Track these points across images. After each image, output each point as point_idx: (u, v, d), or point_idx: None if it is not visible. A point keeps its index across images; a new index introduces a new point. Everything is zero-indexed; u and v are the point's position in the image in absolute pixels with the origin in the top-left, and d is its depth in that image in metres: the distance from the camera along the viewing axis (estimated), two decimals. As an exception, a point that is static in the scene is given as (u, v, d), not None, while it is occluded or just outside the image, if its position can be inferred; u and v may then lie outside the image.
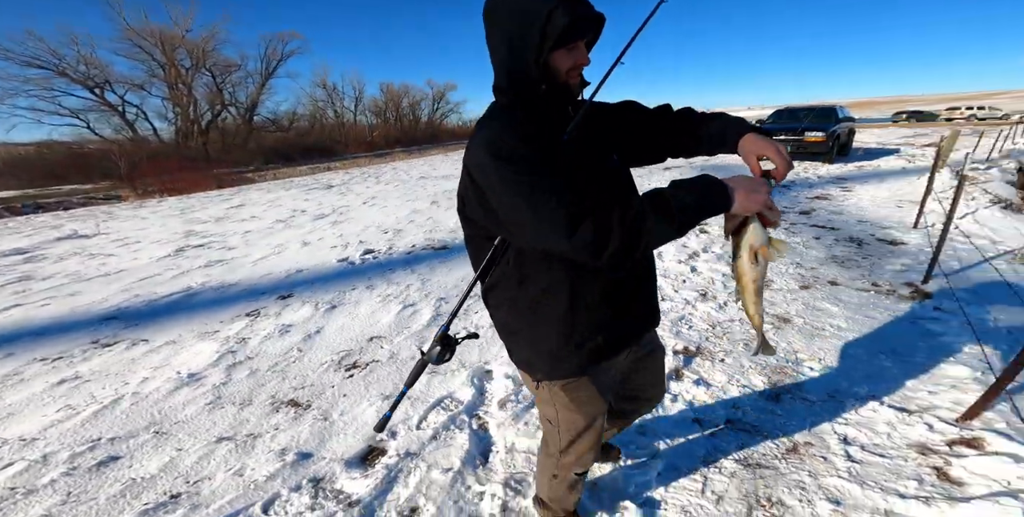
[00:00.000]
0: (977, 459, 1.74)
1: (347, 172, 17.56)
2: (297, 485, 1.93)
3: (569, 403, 1.14)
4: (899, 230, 5.05)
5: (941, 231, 3.37)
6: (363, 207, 8.74)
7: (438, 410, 2.33)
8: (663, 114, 1.13)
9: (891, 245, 4.59)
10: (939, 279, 3.51)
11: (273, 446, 2.18)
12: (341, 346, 3.09)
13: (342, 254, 5.32)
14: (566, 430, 1.21)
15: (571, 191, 0.81)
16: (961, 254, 4.06)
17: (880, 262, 4.09)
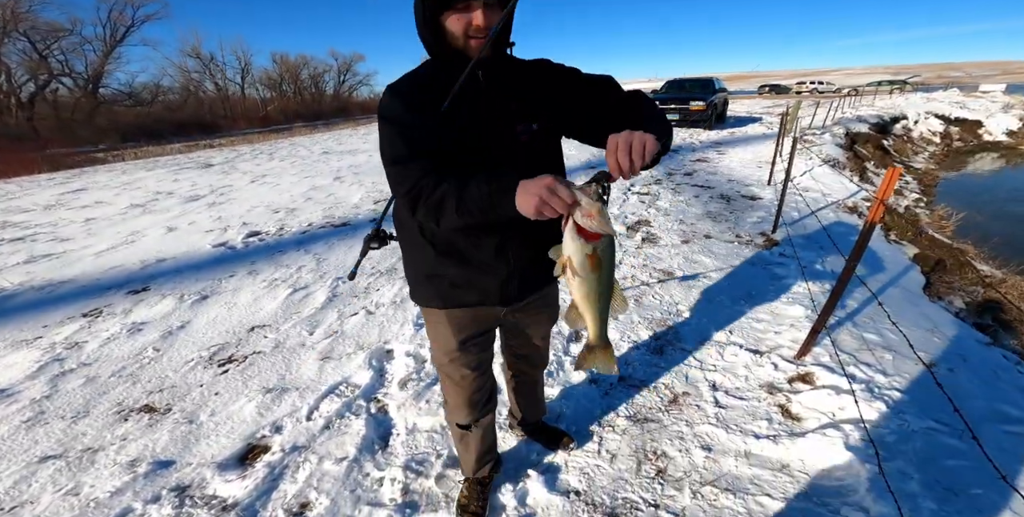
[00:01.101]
0: (809, 394, 2.08)
1: (233, 149, 15.50)
2: (155, 496, 1.64)
3: (429, 330, 1.29)
4: (757, 187, 5.96)
5: (782, 187, 4.06)
6: (250, 186, 7.76)
7: (331, 398, 2.14)
8: (633, 106, 0.96)
9: (751, 200, 5.33)
10: (783, 228, 4.23)
11: (120, 459, 1.82)
12: (213, 340, 2.69)
13: (219, 238, 4.65)
14: (435, 362, 1.35)
15: (419, 157, 0.91)
16: (800, 206, 4.97)
17: (743, 216, 4.75)
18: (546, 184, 0.74)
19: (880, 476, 1.60)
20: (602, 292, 0.85)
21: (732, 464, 1.73)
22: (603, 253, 0.80)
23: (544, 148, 1.06)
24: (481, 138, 0.96)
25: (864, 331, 2.53)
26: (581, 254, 0.79)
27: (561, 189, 0.73)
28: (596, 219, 0.74)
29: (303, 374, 2.33)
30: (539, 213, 0.75)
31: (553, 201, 0.73)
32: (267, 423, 1.99)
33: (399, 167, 0.91)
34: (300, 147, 14.25)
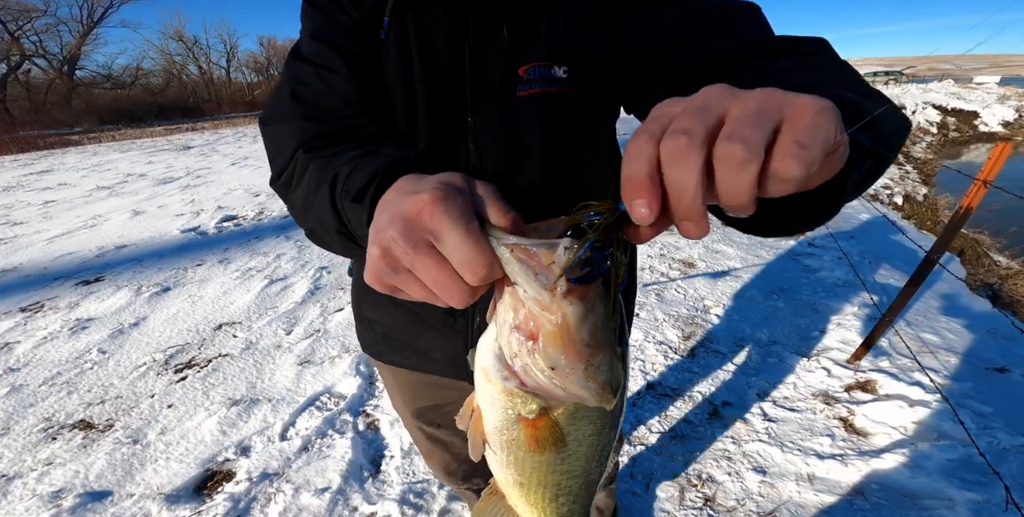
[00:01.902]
0: (874, 405, 1.79)
1: (216, 132, 14.91)
2: (81, 541, 1.29)
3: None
4: None
5: None
6: (230, 168, 7.30)
7: (311, 412, 1.80)
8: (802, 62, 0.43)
9: None
10: None
11: (40, 488, 1.47)
12: (171, 340, 2.31)
13: (190, 223, 4.24)
14: None
15: (311, 114, 0.53)
16: None
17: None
18: (430, 199, 0.28)
19: (980, 506, 1.32)
20: (557, 486, 0.40)
21: (793, 490, 1.44)
22: (568, 422, 0.34)
23: (573, 121, 0.57)
24: (441, 88, 0.54)
25: (920, 330, 2.24)
26: (506, 413, 0.34)
27: (459, 226, 0.27)
28: (563, 339, 0.29)
29: (277, 382, 1.97)
30: (383, 285, 0.31)
31: (419, 260, 0.28)
32: (231, 443, 1.64)
33: (273, 127, 0.56)
34: None
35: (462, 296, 0.29)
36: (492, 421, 0.36)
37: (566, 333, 0.28)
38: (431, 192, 0.28)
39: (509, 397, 0.33)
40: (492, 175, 0.55)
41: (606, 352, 0.31)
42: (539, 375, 0.30)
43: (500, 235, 0.28)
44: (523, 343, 0.30)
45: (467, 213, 0.28)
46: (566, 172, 0.59)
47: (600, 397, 0.31)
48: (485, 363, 0.33)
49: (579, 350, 0.29)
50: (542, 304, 0.28)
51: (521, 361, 0.30)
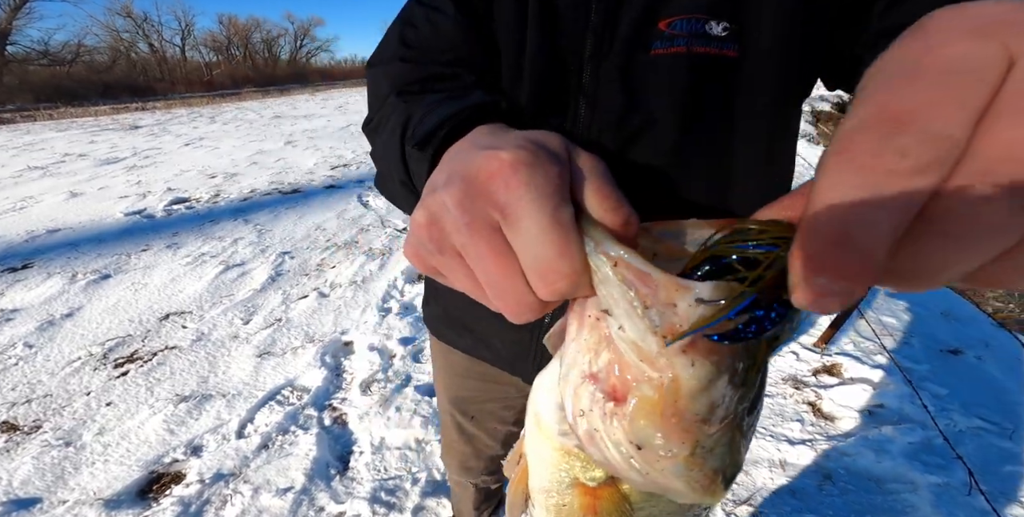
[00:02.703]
0: (840, 389, 1.84)
1: (169, 112, 13.90)
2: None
3: (432, 357, 0.86)
4: None
5: None
6: (183, 149, 6.83)
7: (270, 407, 1.67)
8: None
9: None
10: None
11: (-47, 501, 1.29)
12: (111, 332, 2.10)
13: (135, 205, 3.91)
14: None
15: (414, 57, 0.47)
16: (797, 174, 4.89)
17: None
18: (511, 161, 0.20)
19: (941, 489, 1.37)
20: None
21: (767, 476, 1.46)
22: (643, 498, 0.26)
23: (730, 93, 0.44)
24: (557, 33, 0.45)
25: (880, 313, 2.33)
26: (559, 475, 0.27)
27: (544, 209, 0.19)
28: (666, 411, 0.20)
29: (233, 376, 1.83)
30: (423, 264, 0.24)
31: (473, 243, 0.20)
32: (180, 443, 1.50)
33: (373, 69, 0.50)
34: (248, 111, 12.92)
35: (521, 308, 0.21)
36: (540, 479, 0.27)
37: (672, 403, 0.19)
38: (513, 151, 0.20)
39: (566, 457, 0.25)
40: (601, 148, 0.45)
41: (726, 430, 0.21)
42: (612, 451, 0.21)
43: (602, 238, 0.19)
44: (599, 401, 0.21)
45: (559, 192, 0.20)
46: (705, 161, 0.46)
47: (704, 490, 0.22)
48: (540, 409, 0.25)
49: (687, 427, 0.20)
50: (644, 354, 0.19)
51: (590, 424, 0.21)
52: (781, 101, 0.46)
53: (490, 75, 0.47)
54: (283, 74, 40.71)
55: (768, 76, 0.44)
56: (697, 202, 0.47)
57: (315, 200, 4.05)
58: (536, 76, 0.45)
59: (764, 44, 0.42)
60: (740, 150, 0.46)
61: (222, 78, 35.56)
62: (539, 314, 0.21)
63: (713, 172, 0.47)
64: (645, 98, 0.44)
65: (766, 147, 0.48)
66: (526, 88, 0.46)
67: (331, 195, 4.22)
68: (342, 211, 3.76)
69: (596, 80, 0.44)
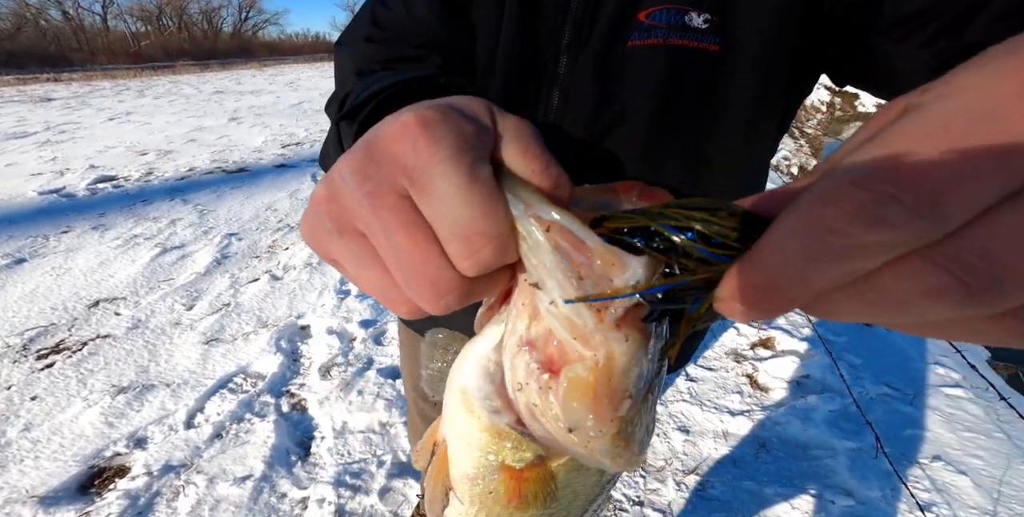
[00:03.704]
0: (773, 361, 2.02)
1: (88, 84, 12.31)
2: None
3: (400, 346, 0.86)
4: None
5: None
6: (108, 124, 6.13)
7: (222, 395, 1.60)
8: None
9: None
10: None
11: None
12: (29, 321, 1.91)
13: (51, 184, 3.51)
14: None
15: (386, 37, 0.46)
16: None
17: None
18: (414, 121, 0.17)
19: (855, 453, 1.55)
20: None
21: (711, 447, 1.59)
22: (569, 476, 0.26)
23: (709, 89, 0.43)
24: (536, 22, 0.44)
25: None
26: (486, 459, 0.24)
27: (459, 166, 0.16)
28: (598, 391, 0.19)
29: (177, 364, 1.72)
30: (320, 247, 0.20)
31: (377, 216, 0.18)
32: (121, 436, 1.42)
33: (340, 49, 0.48)
34: (184, 85, 11.67)
35: (440, 289, 0.17)
36: (464, 466, 0.25)
37: (604, 381, 0.18)
38: (420, 111, 0.17)
39: (495, 438, 0.23)
40: (576, 139, 0.45)
41: (645, 404, 0.21)
42: (552, 426, 0.20)
43: (533, 199, 0.17)
44: (534, 373, 0.19)
45: (475, 149, 0.17)
46: (679, 156, 0.45)
47: (627, 463, 0.22)
48: (467, 383, 0.23)
49: (616, 406, 0.19)
50: (578, 331, 0.18)
51: (528, 399, 0.20)
52: (764, 99, 0.44)
53: (462, 60, 0.46)
54: (225, 48, 37.27)
55: (751, 73, 0.42)
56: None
57: (264, 179, 3.81)
58: (510, 64, 0.44)
59: (748, 39, 0.40)
60: (717, 147, 0.46)
61: (152, 50, 32.09)
62: (461, 298, 0.18)
63: (687, 168, 0.47)
64: (620, 90, 0.43)
65: (744, 144, 0.47)
66: (499, 76, 0.45)
67: (282, 174, 3.98)
68: (295, 191, 3.56)
69: (572, 71, 0.43)
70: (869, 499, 1.39)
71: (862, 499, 1.39)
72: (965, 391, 1.85)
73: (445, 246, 0.17)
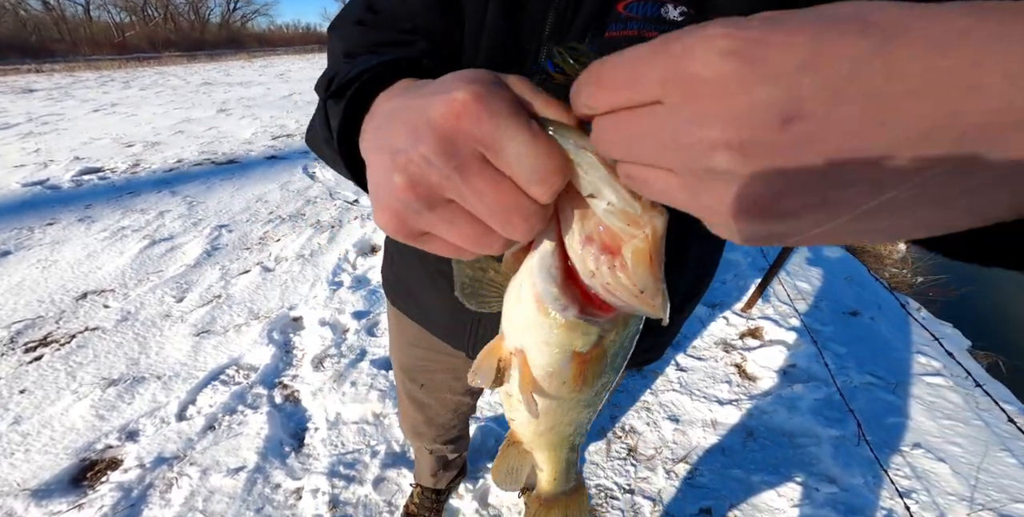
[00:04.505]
0: (761, 351, 2.06)
1: (71, 75, 11.92)
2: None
3: (389, 324, 0.86)
4: None
5: None
6: (92, 115, 5.97)
7: (214, 387, 1.60)
8: None
9: None
10: None
11: None
12: (16, 314, 1.88)
13: (35, 175, 3.43)
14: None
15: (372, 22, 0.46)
16: None
17: None
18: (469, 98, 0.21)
19: (839, 441, 1.59)
20: (581, 420, 0.38)
21: (700, 436, 1.62)
22: (615, 349, 0.31)
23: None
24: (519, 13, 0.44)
25: (796, 279, 2.60)
26: (564, 352, 0.29)
27: (521, 127, 0.21)
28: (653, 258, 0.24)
29: (168, 356, 1.72)
30: (409, 230, 0.24)
31: (468, 183, 0.21)
32: (113, 428, 1.42)
33: (332, 33, 0.48)
34: (171, 76, 11.35)
35: (532, 219, 0.22)
36: (541, 366, 0.30)
37: (656, 250, 0.24)
38: (465, 89, 0.20)
39: (570, 331, 0.27)
40: None
41: (658, 261, 0.26)
42: (627, 296, 0.25)
43: (578, 136, 0.22)
44: (602, 259, 0.24)
45: (521, 111, 0.21)
46: None
47: (664, 308, 0.27)
48: (539, 289, 0.27)
49: (660, 267, 0.25)
50: (631, 218, 0.23)
51: (601, 280, 0.25)
52: None
53: (448, 46, 0.46)
54: (213, 39, 36.34)
55: None
56: None
57: (255, 171, 3.76)
58: (495, 50, 0.45)
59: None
60: None
61: (137, 41, 31.26)
62: (543, 220, 0.23)
63: None
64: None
65: None
66: (482, 61, 0.45)
67: (273, 166, 3.92)
68: (286, 182, 3.52)
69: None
70: (852, 486, 1.43)
71: (845, 486, 1.43)
72: (945, 379, 1.90)
73: (526, 188, 0.21)
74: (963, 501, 1.39)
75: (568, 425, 0.37)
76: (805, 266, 2.77)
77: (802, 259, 2.84)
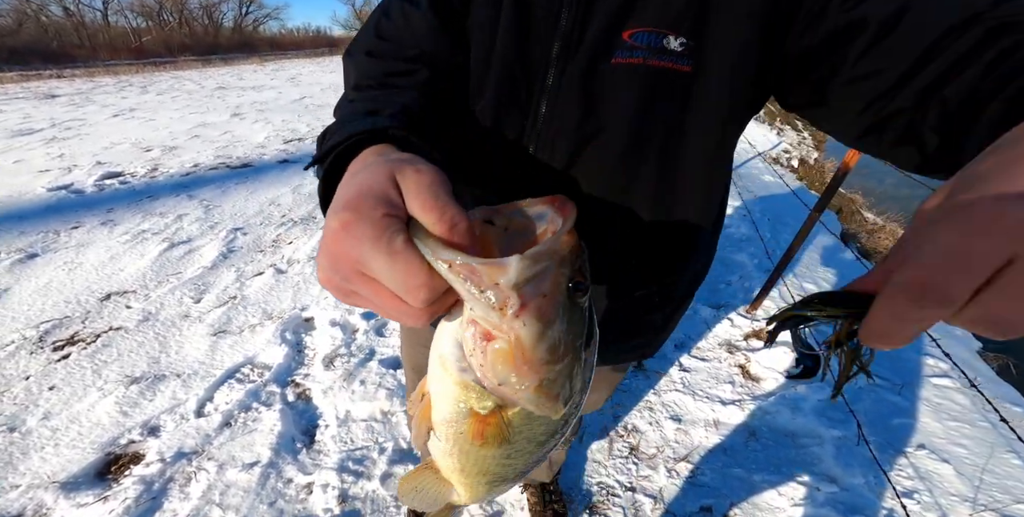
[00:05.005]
0: (765, 352, 2.06)
1: (91, 80, 12.25)
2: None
3: None
4: None
5: None
6: (112, 120, 6.14)
7: (230, 385, 1.66)
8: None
9: None
10: None
11: None
12: (44, 314, 1.97)
13: (59, 180, 3.55)
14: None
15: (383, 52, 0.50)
16: (736, 154, 5.13)
17: None
18: (339, 225, 0.26)
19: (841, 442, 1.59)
20: (497, 473, 0.39)
21: (703, 435, 1.64)
22: (522, 422, 0.33)
23: (680, 107, 0.47)
24: (528, 36, 0.47)
25: (803, 280, 2.60)
26: (458, 406, 0.32)
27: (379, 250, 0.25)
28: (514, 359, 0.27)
29: (187, 355, 1.79)
30: (330, 285, 0.29)
31: (356, 290, 0.27)
32: (135, 424, 1.49)
33: (345, 60, 0.52)
34: (186, 81, 11.60)
35: (416, 318, 0.26)
36: (442, 411, 0.34)
37: (519, 353, 0.26)
38: (337, 218, 0.25)
39: (464, 390, 0.31)
40: (556, 149, 0.49)
41: (565, 363, 0.29)
42: (489, 381, 0.28)
43: (435, 246, 0.24)
44: (478, 343, 0.27)
45: (387, 229, 0.24)
46: (653, 169, 0.49)
47: (550, 410, 0.30)
48: (444, 351, 0.30)
49: (533, 368, 0.27)
50: (492, 323, 0.26)
51: (477, 361, 0.28)
52: (728, 119, 0.49)
53: (451, 72, 0.49)
54: (226, 43, 36.84)
55: (719, 95, 0.46)
56: (641, 205, 0.52)
57: (268, 175, 3.85)
58: (502, 74, 0.48)
59: (717, 64, 0.44)
60: (687, 162, 0.50)
61: (154, 45, 31.79)
62: (430, 316, 0.27)
63: (658, 182, 0.51)
64: (602, 104, 0.47)
65: (711, 160, 0.51)
66: (492, 84, 0.48)
67: (285, 170, 4.01)
68: (297, 186, 3.60)
69: (559, 82, 0.47)
70: (853, 486, 1.43)
71: (846, 486, 1.44)
72: (953, 381, 1.89)
73: (401, 297, 0.25)
74: (966, 502, 1.39)
75: (480, 474, 0.38)
76: (813, 268, 2.76)
77: (810, 261, 2.83)
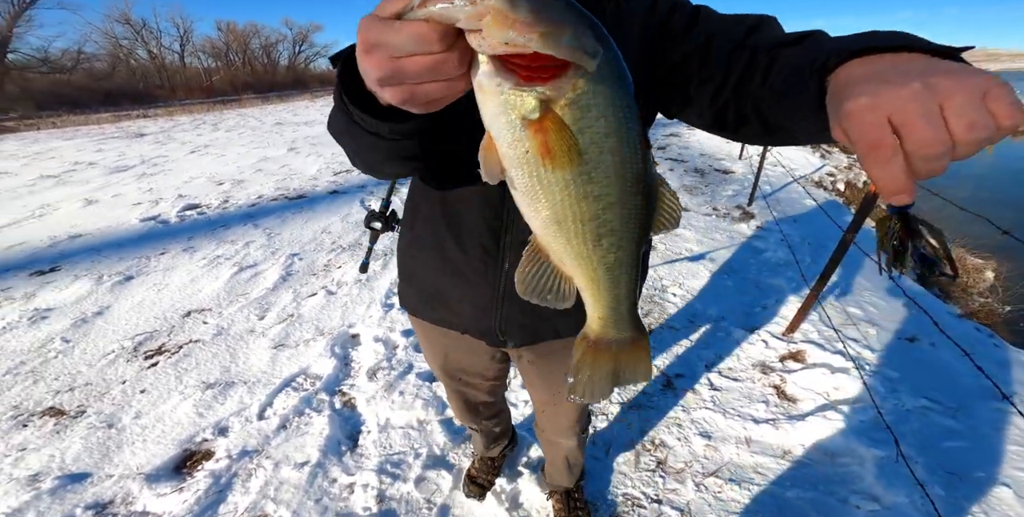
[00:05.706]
0: (803, 373, 2.01)
1: (171, 119, 14.07)
2: (67, 516, 1.34)
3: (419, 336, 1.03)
4: (729, 161, 6.00)
5: (760, 160, 4.15)
6: (190, 157, 7.01)
7: (287, 392, 1.85)
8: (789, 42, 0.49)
9: (724, 174, 5.42)
10: (759, 201, 4.23)
11: (16, 473, 1.49)
12: (139, 328, 2.30)
13: (149, 212, 4.10)
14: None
15: None
16: (771, 180, 4.99)
17: (718, 189, 4.73)
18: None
19: (884, 461, 1.53)
20: (588, 216, 0.37)
21: (733, 452, 1.62)
22: (575, 115, 0.32)
23: None
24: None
25: (846, 305, 2.50)
26: (510, 119, 0.32)
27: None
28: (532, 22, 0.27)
29: (252, 365, 2.01)
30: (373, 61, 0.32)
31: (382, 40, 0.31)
32: (208, 424, 1.69)
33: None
34: (250, 118, 13.08)
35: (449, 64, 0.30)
36: (502, 139, 0.33)
37: (507, 20, 0.27)
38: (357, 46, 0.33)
39: (506, 100, 0.31)
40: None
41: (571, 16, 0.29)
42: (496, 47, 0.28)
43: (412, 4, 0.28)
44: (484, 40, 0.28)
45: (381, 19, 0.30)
46: None
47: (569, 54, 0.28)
48: (477, 80, 0.31)
49: (528, 24, 0.27)
50: (478, 15, 0.27)
51: (489, 42, 0.28)
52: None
53: None
54: (282, 80, 40.41)
55: None
56: None
57: (320, 205, 4.23)
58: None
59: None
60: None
61: (221, 84, 35.44)
62: (459, 60, 0.30)
63: None
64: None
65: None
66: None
67: (335, 200, 4.40)
68: (346, 215, 3.94)
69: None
70: (897, 505, 1.37)
71: (889, 505, 1.38)
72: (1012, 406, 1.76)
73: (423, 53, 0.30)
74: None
75: (576, 222, 0.36)
76: (859, 292, 2.65)
77: (858, 285, 2.73)
